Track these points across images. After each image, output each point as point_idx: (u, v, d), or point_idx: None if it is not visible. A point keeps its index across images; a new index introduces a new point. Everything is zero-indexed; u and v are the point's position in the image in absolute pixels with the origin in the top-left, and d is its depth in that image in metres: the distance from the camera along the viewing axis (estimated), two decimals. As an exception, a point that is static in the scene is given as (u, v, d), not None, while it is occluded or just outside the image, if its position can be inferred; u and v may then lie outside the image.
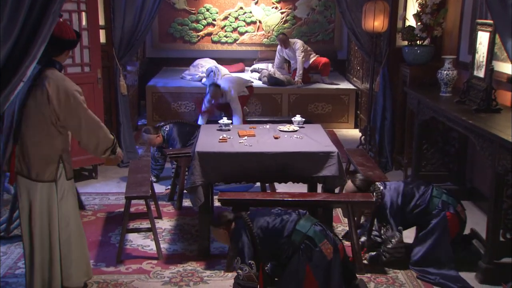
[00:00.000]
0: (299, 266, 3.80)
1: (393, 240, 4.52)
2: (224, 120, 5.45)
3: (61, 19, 4.03)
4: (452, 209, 4.55)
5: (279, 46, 9.71)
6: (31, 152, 3.60)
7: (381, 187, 4.70)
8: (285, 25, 11.15)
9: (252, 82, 8.71)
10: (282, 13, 11.13)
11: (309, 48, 9.78)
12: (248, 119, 8.14)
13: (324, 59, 9.79)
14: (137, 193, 4.75)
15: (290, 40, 9.59)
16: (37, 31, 2.78)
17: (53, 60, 3.60)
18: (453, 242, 4.57)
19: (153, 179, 6.55)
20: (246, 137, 5.04)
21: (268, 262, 4.16)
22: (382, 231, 4.63)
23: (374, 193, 4.64)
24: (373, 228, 4.82)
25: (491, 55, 5.04)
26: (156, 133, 6.31)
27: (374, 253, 4.70)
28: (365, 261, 4.65)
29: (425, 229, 4.56)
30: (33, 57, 2.82)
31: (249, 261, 3.80)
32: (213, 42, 11.21)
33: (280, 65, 9.82)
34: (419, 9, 6.57)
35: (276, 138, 5.06)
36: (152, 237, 4.83)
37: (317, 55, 9.81)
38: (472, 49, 5.46)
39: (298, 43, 9.51)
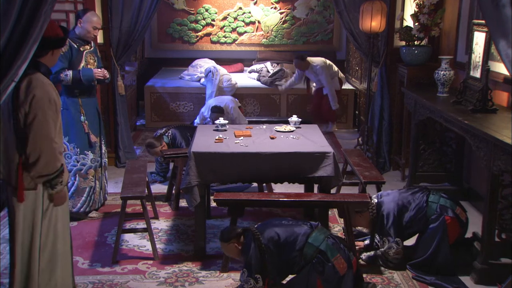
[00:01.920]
0: (309, 278, 3.78)
1: (390, 252, 4.52)
2: (221, 120, 5.46)
3: None
4: (451, 212, 4.53)
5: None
6: (11, 158, 3.39)
7: (375, 200, 4.71)
8: (284, 26, 11.15)
9: (240, 105, 8.39)
10: (281, 13, 11.12)
11: (334, 68, 8.86)
12: (247, 119, 8.14)
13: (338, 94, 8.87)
14: (133, 193, 4.74)
15: (310, 60, 8.62)
16: (28, 31, 2.77)
17: (37, 62, 3.37)
18: (454, 246, 4.55)
19: (160, 179, 6.63)
20: (242, 138, 5.05)
21: (278, 276, 4.01)
22: (379, 245, 4.63)
23: (370, 210, 4.64)
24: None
25: (487, 55, 5.04)
26: (160, 143, 6.32)
27: (371, 253, 4.70)
28: (361, 262, 4.66)
29: (425, 234, 4.55)
30: (24, 57, 2.81)
31: (256, 275, 3.77)
32: (212, 42, 11.21)
33: (298, 82, 8.94)
34: (416, 9, 6.56)
35: (272, 138, 5.06)
36: (149, 237, 4.84)
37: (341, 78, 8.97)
38: (469, 50, 5.46)
39: (319, 66, 8.56)
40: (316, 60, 8.71)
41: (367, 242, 4.93)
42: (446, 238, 4.48)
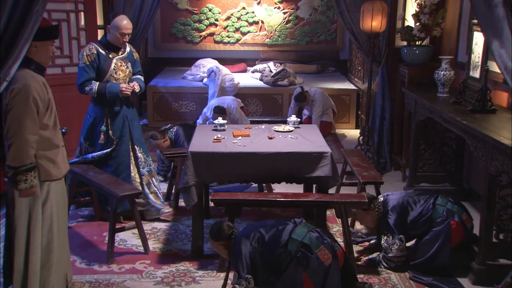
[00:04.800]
0: (296, 273, 3.76)
1: (393, 248, 4.50)
2: (219, 120, 5.46)
3: None
4: (457, 217, 4.50)
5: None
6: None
7: (381, 199, 4.70)
8: (287, 25, 11.15)
9: (242, 105, 8.30)
10: (284, 13, 11.14)
11: (331, 100, 8.78)
12: (249, 120, 8.13)
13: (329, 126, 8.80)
14: (129, 191, 4.76)
15: (308, 91, 8.55)
16: (20, 30, 2.78)
17: (27, 58, 3.35)
18: (455, 248, 4.53)
19: (160, 178, 6.59)
20: (240, 137, 5.04)
21: (268, 276, 3.99)
22: (383, 240, 4.61)
23: (376, 208, 4.63)
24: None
25: (487, 55, 5.02)
26: (163, 137, 6.35)
27: (373, 256, 4.69)
28: (361, 263, 4.66)
29: (428, 235, 4.53)
30: (16, 56, 2.82)
31: (246, 276, 3.77)
32: (216, 42, 11.23)
33: (295, 113, 8.37)
34: (417, 9, 6.54)
35: (270, 138, 5.05)
36: (147, 236, 4.88)
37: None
38: (469, 50, 5.44)
39: (318, 91, 8.59)
40: (314, 89, 8.71)
41: (373, 241, 4.91)
42: (449, 243, 4.46)
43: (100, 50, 5.17)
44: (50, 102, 3.57)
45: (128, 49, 5.41)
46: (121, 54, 5.30)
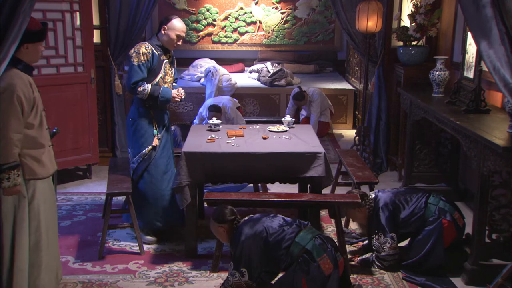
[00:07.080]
0: (295, 277, 3.76)
1: (385, 247, 4.50)
2: (214, 120, 5.45)
3: None
4: (449, 216, 4.51)
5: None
6: None
7: (372, 195, 4.70)
8: (285, 25, 11.16)
9: (239, 105, 8.33)
10: (282, 13, 11.15)
11: (328, 100, 8.87)
12: (246, 120, 8.13)
13: (326, 127, 8.91)
14: (119, 189, 4.78)
15: (307, 92, 8.67)
16: (6, 31, 2.78)
17: (16, 58, 3.38)
18: (449, 248, 4.54)
19: None
20: (234, 138, 5.04)
21: (265, 273, 4.02)
22: (374, 240, 4.61)
23: (366, 205, 4.63)
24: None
25: (480, 56, 5.01)
26: None
27: (366, 256, 4.69)
28: (354, 263, 4.65)
29: (420, 235, 4.54)
30: (3, 56, 2.82)
31: (242, 269, 3.77)
32: (213, 42, 11.24)
33: (293, 113, 8.67)
34: (413, 10, 6.54)
35: (264, 138, 5.05)
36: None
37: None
38: (463, 50, 5.44)
39: (316, 92, 8.64)
40: (312, 89, 8.75)
41: (366, 242, 4.91)
42: (441, 241, 4.46)
43: (154, 51, 4.89)
44: (35, 101, 3.55)
45: (171, 54, 5.13)
46: (168, 59, 5.06)
